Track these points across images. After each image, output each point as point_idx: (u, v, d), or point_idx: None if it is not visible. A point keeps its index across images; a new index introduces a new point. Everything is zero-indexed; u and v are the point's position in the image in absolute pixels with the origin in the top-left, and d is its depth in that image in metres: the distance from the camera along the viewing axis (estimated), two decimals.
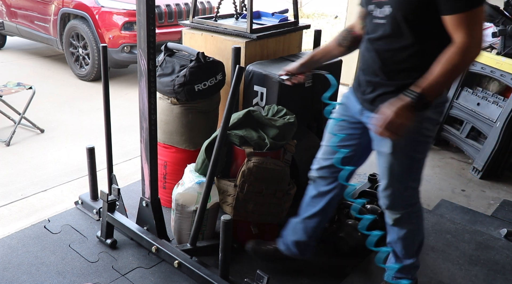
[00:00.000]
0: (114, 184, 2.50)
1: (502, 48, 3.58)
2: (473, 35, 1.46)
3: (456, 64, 1.48)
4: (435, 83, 1.51)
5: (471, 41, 1.46)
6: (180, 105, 2.52)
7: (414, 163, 1.82)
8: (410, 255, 2.03)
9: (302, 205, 2.16)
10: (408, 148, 1.76)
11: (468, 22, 1.45)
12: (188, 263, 2.11)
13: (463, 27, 1.46)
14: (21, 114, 3.82)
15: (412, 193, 1.91)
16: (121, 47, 5.10)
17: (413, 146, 1.76)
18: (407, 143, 1.72)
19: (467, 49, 1.47)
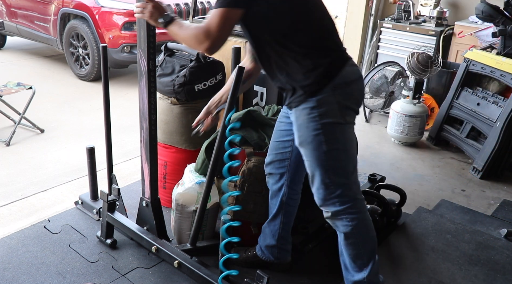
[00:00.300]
0: (114, 184, 2.50)
1: (502, 48, 3.58)
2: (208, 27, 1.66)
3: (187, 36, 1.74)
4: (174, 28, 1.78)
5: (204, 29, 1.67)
6: (180, 105, 2.52)
7: (324, 155, 1.76)
8: (357, 268, 1.89)
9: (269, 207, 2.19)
10: (311, 138, 1.75)
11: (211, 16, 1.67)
12: (188, 263, 2.11)
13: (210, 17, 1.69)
14: (21, 114, 3.82)
15: (335, 190, 1.80)
16: (121, 47, 5.10)
17: (314, 135, 1.74)
18: (309, 132, 1.75)
19: (197, 33, 1.69)
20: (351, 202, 1.81)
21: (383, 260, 2.41)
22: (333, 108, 1.73)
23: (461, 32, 4.45)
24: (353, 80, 1.78)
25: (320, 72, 1.72)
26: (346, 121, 1.78)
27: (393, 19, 4.84)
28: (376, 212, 2.58)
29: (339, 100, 1.73)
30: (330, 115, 1.73)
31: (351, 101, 1.78)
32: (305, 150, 1.81)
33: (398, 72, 4.17)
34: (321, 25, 1.79)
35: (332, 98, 1.72)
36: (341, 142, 1.78)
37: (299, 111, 1.77)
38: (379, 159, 3.69)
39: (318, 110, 1.72)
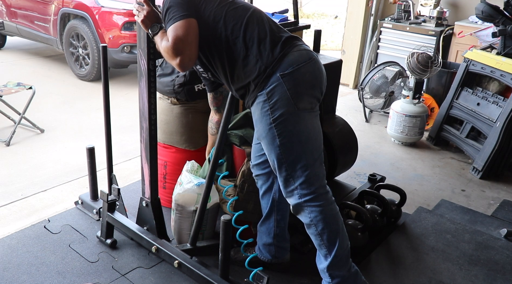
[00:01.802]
0: (114, 184, 2.50)
1: (502, 48, 3.58)
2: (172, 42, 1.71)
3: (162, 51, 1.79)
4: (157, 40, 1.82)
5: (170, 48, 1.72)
6: (180, 105, 2.52)
7: (279, 149, 1.78)
8: (322, 257, 1.93)
9: (261, 207, 2.21)
10: (265, 132, 1.78)
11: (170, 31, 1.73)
12: (188, 263, 2.11)
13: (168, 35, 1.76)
14: (21, 114, 3.82)
15: (294, 182, 1.82)
16: (121, 47, 5.10)
17: (268, 129, 1.77)
18: (263, 126, 1.78)
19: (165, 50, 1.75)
20: (310, 195, 1.82)
21: (383, 260, 2.41)
22: (284, 97, 1.73)
23: (461, 32, 4.45)
24: (301, 63, 1.75)
25: (263, 62, 1.74)
26: (299, 108, 1.75)
27: (393, 19, 4.84)
28: (376, 212, 2.58)
29: (289, 87, 1.72)
30: (282, 105, 1.73)
31: (304, 85, 1.76)
32: (263, 144, 1.85)
33: (398, 72, 4.17)
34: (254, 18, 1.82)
35: (281, 87, 1.72)
36: (295, 134, 1.77)
37: (255, 106, 1.80)
38: (379, 159, 3.69)
39: (269, 103, 1.74)
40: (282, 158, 1.79)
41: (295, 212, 1.89)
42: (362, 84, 4.35)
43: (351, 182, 3.16)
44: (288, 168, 1.80)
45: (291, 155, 1.79)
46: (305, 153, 1.80)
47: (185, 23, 1.71)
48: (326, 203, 1.85)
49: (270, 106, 1.74)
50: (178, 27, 1.70)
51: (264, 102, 1.75)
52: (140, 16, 1.85)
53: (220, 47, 1.80)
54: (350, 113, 4.64)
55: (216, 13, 1.79)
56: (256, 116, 1.81)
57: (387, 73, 4.22)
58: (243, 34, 1.77)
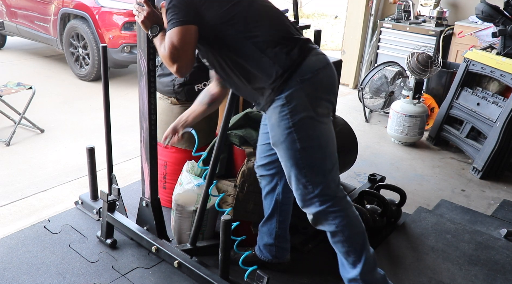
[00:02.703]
0: (114, 184, 2.50)
1: (502, 48, 3.58)
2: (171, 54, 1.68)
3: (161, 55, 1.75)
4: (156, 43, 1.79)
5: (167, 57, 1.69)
6: (180, 105, 2.52)
7: (298, 154, 1.72)
8: (351, 264, 1.86)
9: (263, 207, 2.19)
10: (283, 136, 1.72)
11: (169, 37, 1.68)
12: (188, 263, 2.11)
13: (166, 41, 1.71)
14: (21, 114, 3.82)
15: (313, 189, 1.76)
16: (121, 47, 5.10)
17: (287, 133, 1.71)
18: (281, 131, 1.72)
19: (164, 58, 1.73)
20: (331, 201, 1.78)
21: (383, 260, 2.41)
22: (303, 102, 1.69)
23: (461, 32, 4.45)
24: (320, 68, 1.72)
25: (281, 66, 1.68)
26: (318, 113, 1.72)
27: (393, 19, 4.84)
28: (376, 212, 2.58)
29: (308, 93, 1.69)
30: (301, 110, 1.69)
31: (322, 90, 1.73)
32: (279, 150, 1.78)
33: (398, 72, 4.17)
34: (270, 18, 1.77)
35: (300, 92, 1.68)
36: (315, 138, 1.73)
37: (271, 110, 1.74)
38: (379, 159, 3.69)
39: (288, 107, 1.68)
40: (301, 163, 1.73)
41: (317, 222, 1.82)
42: (362, 84, 4.35)
43: (351, 182, 3.16)
44: (308, 173, 1.74)
45: (311, 160, 1.74)
46: (324, 158, 1.76)
47: (182, 30, 1.66)
48: (348, 206, 1.82)
49: (289, 111, 1.68)
50: (174, 34, 1.66)
51: (282, 106, 1.69)
52: (140, 16, 1.82)
53: (231, 50, 1.74)
54: (350, 113, 4.64)
55: (226, 12, 1.70)
56: (273, 121, 1.74)
57: (387, 73, 4.22)
58: (256, 35, 1.71)
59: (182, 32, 1.66)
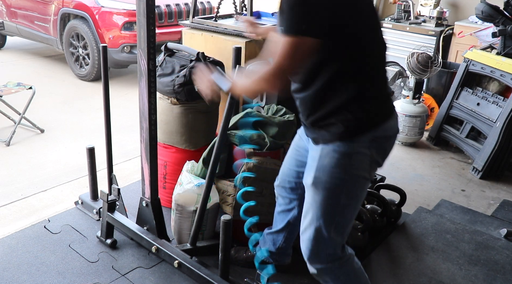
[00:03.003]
0: (114, 184, 2.50)
1: (502, 48, 3.58)
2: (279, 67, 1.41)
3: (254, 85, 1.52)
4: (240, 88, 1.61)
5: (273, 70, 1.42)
6: (180, 105, 2.52)
7: (337, 207, 1.58)
8: None
9: (274, 218, 2.14)
10: (330, 185, 1.56)
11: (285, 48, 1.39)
12: (188, 263, 2.11)
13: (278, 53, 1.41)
14: (21, 114, 3.82)
15: (334, 244, 1.65)
16: (121, 47, 5.10)
17: (336, 183, 1.55)
18: (331, 178, 1.55)
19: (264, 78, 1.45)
20: (341, 259, 1.69)
21: (383, 260, 2.41)
22: (365, 161, 1.55)
23: (461, 32, 4.45)
24: (392, 135, 1.60)
25: (368, 114, 1.52)
26: (371, 176, 1.61)
27: (393, 19, 4.84)
28: (376, 212, 2.58)
29: (372, 154, 1.55)
30: (360, 169, 1.55)
31: (382, 157, 1.60)
32: (315, 193, 1.60)
33: (398, 72, 4.17)
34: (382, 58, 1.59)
35: (367, 150, 1.54)
36: (358, 199, 1.63)
37: (327, 150, 1.54)
38: None
39: (350, 160, 1.53)
40: (333, 218, 1.60)
41: (320, 276, 1.71)
42: None
43: None
44: (333, 230, 1.61)
45: (344, 218, 1.62)
46: (352, 219, 1.67)
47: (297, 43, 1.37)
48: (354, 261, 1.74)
49: (348, 163, 1.53)
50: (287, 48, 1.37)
51: (343, 155, 1.52)
52: (200, 84, 1.67)
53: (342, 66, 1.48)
54: None
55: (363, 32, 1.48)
56: (324, 162, 1.55)
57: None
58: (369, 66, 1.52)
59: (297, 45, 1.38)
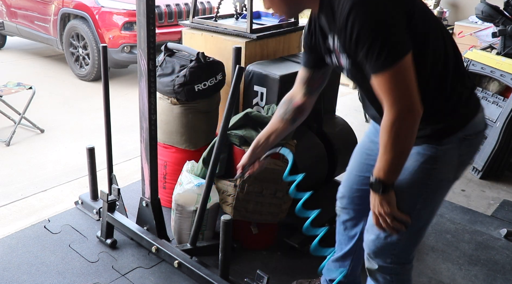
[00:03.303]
0: (114, 184, 2.50)
1: (502, 48, 3.58)
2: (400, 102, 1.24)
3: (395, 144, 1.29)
4: (389, 169, 1.35)
5: (399, 110, 1.25)
6: (180, 105, 2.52)
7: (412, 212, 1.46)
8: None
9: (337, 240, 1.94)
10: (409, 189, 1.45)
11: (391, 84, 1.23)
12: (188, 263, 2.11)
13: (386, 92, 1.25)
14: (21, 114, 3.82)
15: (396, 248, 1.52)
16: (121, 47, 5.10)
17: (417, 188, 1.45)
18: (411, 183, 1.44)
19: (399, 124, 1.26)
20: (405, 265, 1.58)
21: None
22: (452, 163, 1.44)
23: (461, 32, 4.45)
24: (482, 130, 1.47)
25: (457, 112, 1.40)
26: (455, 178, 1.50)
27: None
28: None
29: (461, 154, 1.43)
30: (446, 171, 1.45)
31: (471, 155, 1.49)
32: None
33: None
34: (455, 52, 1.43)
35: (455, 151, 1.42)
36: (437, 203, 1.52)
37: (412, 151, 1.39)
38: None
39: (436, 164, 1.42)
40: (413, 217, 1.46)
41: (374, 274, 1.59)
42: None
43: None
44: (406, 235, 1.49)
45: (419, 222, 1.50)
46: (429, 222, 1.55)
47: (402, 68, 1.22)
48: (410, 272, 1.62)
49: (434, 167, 1.42)
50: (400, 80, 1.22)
51: (429, 158, 1.41)
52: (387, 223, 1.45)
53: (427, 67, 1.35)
54: (350, 113, 4.64)
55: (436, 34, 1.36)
56: (407, 163, 1.39)
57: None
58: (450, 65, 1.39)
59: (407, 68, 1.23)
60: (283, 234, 2.48)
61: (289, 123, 1.70)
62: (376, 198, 1.42)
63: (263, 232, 2.38)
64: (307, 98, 1.65)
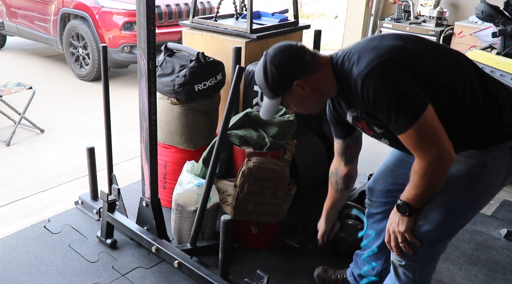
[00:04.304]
0: (114, 184, 2.50)
1: (502, 48, 3.58)
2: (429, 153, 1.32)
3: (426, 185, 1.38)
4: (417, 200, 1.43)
5: (430, 162, 1.32)
6: (180, 105, 2.52)
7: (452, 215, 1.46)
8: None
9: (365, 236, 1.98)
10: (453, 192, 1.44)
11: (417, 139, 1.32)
12: (188, 263, 2.11)
13: (415, 147, 1.34)
14: (21, 114, 3.82)
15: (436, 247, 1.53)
16: (121, 47, 5.10)
17: (461, 191, 1.45)
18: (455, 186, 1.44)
19: (430, 172, 1.34)
20: (430, 262, 1.58)
21: None
22: (501, 171, 1.43)
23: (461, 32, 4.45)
24: None
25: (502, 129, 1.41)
26: (502, 185, 1.49)
27: (393, 19, 4.84)
28: None
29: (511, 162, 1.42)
30: (493, 179, 1.44)
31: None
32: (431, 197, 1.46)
33: None
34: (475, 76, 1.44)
35: (505, 158, 1.41)
36: (476, 209, 1.51)
37: (457, 157, 1.39)
38: (379, 159, 3.65)
39: (484, 169, 1.41)
40: (445, 223, 1.47)
41: (401, 269, 1.58)
42: None
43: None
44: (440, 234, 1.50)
45: (455, 224, 1.50)
46: (464, 224, 1.55)
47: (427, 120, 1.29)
48: (432, 270, 1.63)
49: (481, 174, 1.41)
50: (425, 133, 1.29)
51: (478, 164, 1.41)
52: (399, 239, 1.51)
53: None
54: None
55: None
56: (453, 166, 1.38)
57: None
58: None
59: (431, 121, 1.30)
60: (283, 234, 2.48)
61: (344, 190, 1.86)
62: (397, 217, 1.49)
63: (263, 232, 2.38)
64: (350, 166, 1.78)
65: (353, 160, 1.79)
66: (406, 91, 1.31)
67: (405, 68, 1.33)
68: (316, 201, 2.58)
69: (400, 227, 1.48)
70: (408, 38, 1.43)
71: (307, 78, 1.47)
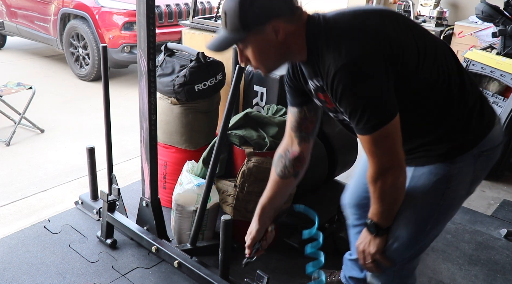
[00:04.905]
0: (114, 184, 2.50)
1: (502, 48, 3.58)
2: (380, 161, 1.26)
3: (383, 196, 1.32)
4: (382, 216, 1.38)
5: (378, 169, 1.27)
6: (180, 105, 2.52)
7: (421, 233, 1.43)
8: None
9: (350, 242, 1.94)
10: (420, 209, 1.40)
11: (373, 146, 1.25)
12: (188, 263, 2.11)
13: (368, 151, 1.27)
14: (21, 114, 3.82)
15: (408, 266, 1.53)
16: (121, 47, 5.10)
17: (429, 208, 1.40)
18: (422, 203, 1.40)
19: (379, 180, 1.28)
20: (408, 277, 1.57)
21: None
22: (466, 181, 1.39)
23: (461, 32, 4.45)
24: (499, 144, 1.39)
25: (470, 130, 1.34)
26: (468, 193, 1.45)
27: None
28: None
29: (476, 170, 1.37)
30: (459, 189, 1.40)
31: (487, 170, 1.42)
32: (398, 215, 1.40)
33: None
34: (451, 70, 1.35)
35: (470, 168, 1.36)
36: (446, 220, 1.48)
37: (421, 172, 1.37)
38: None
39: (450, 183, 1.36)
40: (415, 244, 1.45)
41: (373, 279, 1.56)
42: None
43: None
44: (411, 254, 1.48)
45: (426, 242, 1.49)
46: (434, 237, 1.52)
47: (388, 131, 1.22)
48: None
49: (448, 187, 1.37)
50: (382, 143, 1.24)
51: (442, 177, 1.36)
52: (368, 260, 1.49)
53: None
54: None
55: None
56: (417, 184, 1.38)
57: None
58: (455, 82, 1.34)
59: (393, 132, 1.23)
60: (283, 234, 2.48)
61: (292, 178, 1.58)
62: (367, 236, 1.44)
63: None
64: (304, 145, 1.53)
65: (309, 139, 1.53)
66: (378, 96, 1.20)
67: (384, 64, 1.20)
68: (316, 201, 2.58)
69: (371, 248, 1.43)
70: (395, 20, 1.30)
71: (286, 25, 1.25)
